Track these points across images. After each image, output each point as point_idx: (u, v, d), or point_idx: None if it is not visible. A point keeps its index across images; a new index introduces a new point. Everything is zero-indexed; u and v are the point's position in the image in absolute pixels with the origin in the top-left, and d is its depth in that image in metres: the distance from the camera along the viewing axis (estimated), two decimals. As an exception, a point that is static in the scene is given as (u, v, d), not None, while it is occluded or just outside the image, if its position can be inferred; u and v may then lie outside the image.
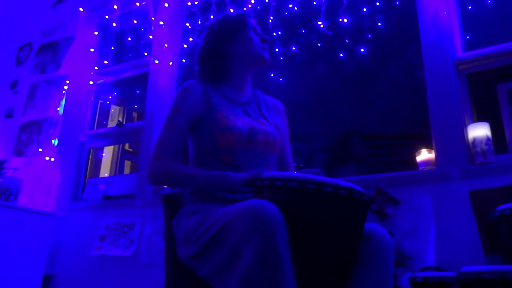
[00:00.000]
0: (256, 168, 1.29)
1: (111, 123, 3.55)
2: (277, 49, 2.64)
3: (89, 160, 3.27)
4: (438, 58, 2.05)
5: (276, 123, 1.48)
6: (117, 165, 3.78)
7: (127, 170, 3.95)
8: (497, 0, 2.25)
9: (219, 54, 1.43)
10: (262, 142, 1.35)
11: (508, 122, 1.94)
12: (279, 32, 2.63)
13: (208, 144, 1.32)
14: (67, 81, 3.24)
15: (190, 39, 2.96)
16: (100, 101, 3.47)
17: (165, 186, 1.38)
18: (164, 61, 2.98)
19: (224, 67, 1.44)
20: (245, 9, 2.69)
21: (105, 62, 3.29)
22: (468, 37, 2.16)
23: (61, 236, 2.85)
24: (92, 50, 3.36)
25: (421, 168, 2.00)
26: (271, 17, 2.62)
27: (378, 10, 2.41)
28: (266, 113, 1.48)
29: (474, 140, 1.88)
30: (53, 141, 3.10)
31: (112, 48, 3.25)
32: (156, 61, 2.98)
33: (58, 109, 3.20)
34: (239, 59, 1.43)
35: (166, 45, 2.99)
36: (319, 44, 2.58)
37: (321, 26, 2.43)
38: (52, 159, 3.04)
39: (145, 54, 3.12)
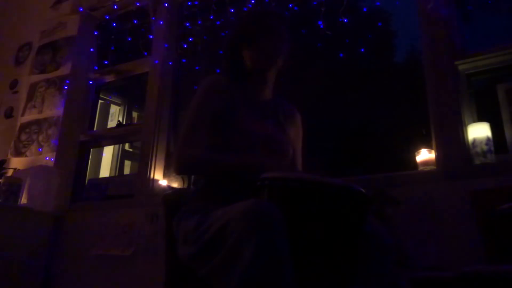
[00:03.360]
0: None
1: (111, 123, 3.55)
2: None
3: (89, 160, 3.27)
4: (438, 58, 2.05)
5: (290, 133, 1.47)
6: (117, 165, 3.78)
7: (127, 170, 3.95)
8: (497, 0, 2.25)
9: (237, 53, 1.41)
10: (274, 152, 1.34)
11: (508, 122, 1.94)
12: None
13: (222, 143, 1.31)
14: (67, 81, 3.24)
15: (190, 39, 2.96)
16: (100, 101, 3.47)
17: (194, 175, 1.36)
18: (164, 61, 2.98)
19: (244, 65, 1.41)
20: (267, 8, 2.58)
21: (105, 62, 3.29)
22: (468, 37, 2.15)
23: (61, 236, 2.84)
24: (92, 50, 3.35)
25: (421, 168, 2.00)
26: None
27: (378, 10, 2.42)
28: (283, 121, 1.47)
29: (474, 140, 1.88)
30: (53, 141, 3.10)
31: (112, 48, 3.25)
32: (156, 61, 2.97)
33: (58, 109, 3.20)
34: (252, 61, 1.40)
35: (166, 45, 2.99)
36: (319, 44, 2.58)
37: (321, 26, 2.43)
38: (52, 159, 3.04)
39: (145, 54, 3.12)
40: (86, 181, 3.11)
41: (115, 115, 3.74)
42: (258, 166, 1.20)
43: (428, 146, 2.02)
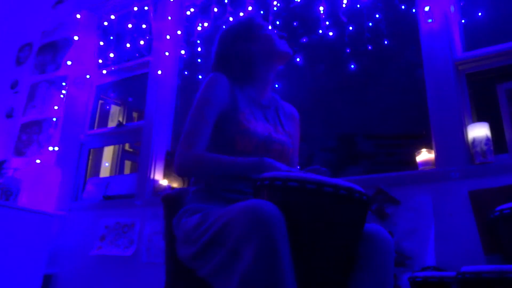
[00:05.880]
0: None
1: (111, 123, 3.55)
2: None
3: (89, 160, 3.27)
4: (438, 58, 2.05)
5: (290, 132, 1.48)
6: (117, 165, 3.78)
7: (127, 170, 3.95)
8: (497, 0, 2.25)
9: (242, 56, 1.42)
10: (276, 151, 1.35)
11: (508, 122, 1.94)
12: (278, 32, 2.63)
13: (225, 143, 1.31)
14: (67, 81, 3.24)
15: (190, 40, 2.96)
16: (100, 101, 3.47)
17: (195, 176, 1.35)
18: (164, 61, 2.98)
19: (249, 68, 1.42)
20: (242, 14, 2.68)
21: (106, 62, 3.30)
22: (467, 37, 2.16)
23: (61, 236, 2.85)
24: (92, 50, 3.36)
25: (421, 168, 2.00)
26: (271, 18, 2.62)
27: (378, 10, 2.42)
28: (284, 121, 1.48)
29: (474, 140, 1.88)
30: (53, 141, 3.10)
31: (112, 48, 3.25)
32: (156, 61, 2.98)
33: (58, 109, 3.20)
34: (263, 57, 1.42)
35: (166, 45, 2.99)
36: (319, 45, 2.58)
37: (322, 26, 2.43)
38: (52, 159, 3.04)
39: (145, 54, 3.12)
40: (86, 181, 3.11)
41: (115, 115, 3.74)
42: (258, 163, 1.19)
43: (428, 146, 2.02)
